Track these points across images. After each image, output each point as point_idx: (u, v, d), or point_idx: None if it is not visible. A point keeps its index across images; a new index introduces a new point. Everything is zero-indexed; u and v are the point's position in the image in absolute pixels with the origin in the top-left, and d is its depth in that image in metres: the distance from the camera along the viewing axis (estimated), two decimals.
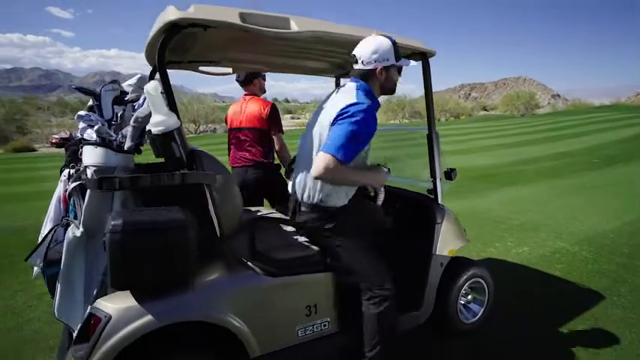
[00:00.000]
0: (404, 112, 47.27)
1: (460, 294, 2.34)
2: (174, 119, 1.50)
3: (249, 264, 1.67)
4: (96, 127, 1.65)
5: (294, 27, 1.66)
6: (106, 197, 1.61)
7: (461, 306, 2.39)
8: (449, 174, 2.33)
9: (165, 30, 1.50)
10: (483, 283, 2.44)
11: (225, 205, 1.62)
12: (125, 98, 1.82)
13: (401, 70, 1.90)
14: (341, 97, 1.76)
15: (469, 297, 2.46)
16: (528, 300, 2.91)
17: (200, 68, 2.47)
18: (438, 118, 47.40)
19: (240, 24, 1.53)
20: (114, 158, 1.62)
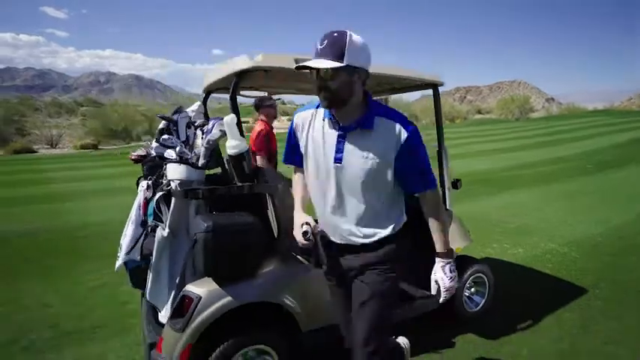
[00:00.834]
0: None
1: (465, 287, 2.75)
2: (244, 144, 1.91)
3: (299, 257, 2.08)
4: (178, 149, 2.04)
5: None
6: (186, 204, 2.01)
7: (466, 297, 2.80)
8: (455, 184, 2.76)
9: (237, 74, 1.91)
10: (485, 278, 2.86)
11: (282, 210, 2.02)
12: (195, 123, 2.22)
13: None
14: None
15: (472, 290, 2.88)
16: (521, 293, 3.33)
17: (242, 92, 2.88)
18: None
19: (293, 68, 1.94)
20: (194, 173, 2.01)
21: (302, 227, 1.52)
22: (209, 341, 1.80)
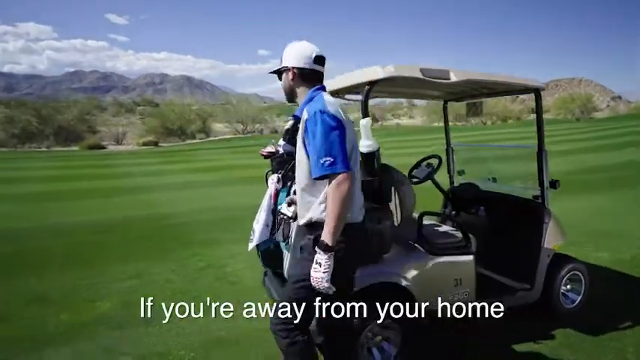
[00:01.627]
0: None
1: (562, 283, 2.84)
2: (376, 143, 2.17)
3: (416, 245, 2.31)
4: None
5: (452, 77, 2.27)
6: None
7: (562, 293, 2.89)
8: (554, 184, 2.85)
9: (370, 83, 2.18)
10: (581, 276, 2.93)
11: (404, 202, 2.26)
12: None
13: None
14: None
15: (568, 287, 2.95)
16: (616, 294, 3.34)
17: (346, 96, 3.16)
18: (484, 122, 46.14)
19: (422, 77, 2.17)
20: None
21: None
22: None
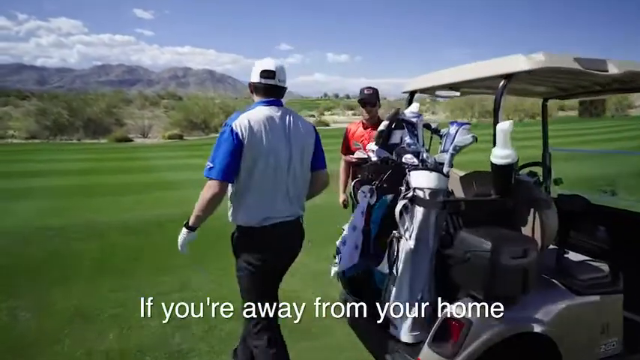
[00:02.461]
0: (473, 111, 45.00)
1: None
2: (515, 154, 1.72)
3: (554, 281, 1.84)
4: (425, 155, 1.93)
5: (612, 69, 1.78)
6: (428, 214, 1.87)
7: None
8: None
9: (508, 75, 1.72)
10: None
11: (546, 228, 1.80)
12: (433, 127, 2.09)
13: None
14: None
15: None
16: None
17: (437, 93, 2.70)
18: (512, 118, 44.41)
19: (579, 68, 1.70)
20: (443, 182, 1.87)
21: None
22: None
